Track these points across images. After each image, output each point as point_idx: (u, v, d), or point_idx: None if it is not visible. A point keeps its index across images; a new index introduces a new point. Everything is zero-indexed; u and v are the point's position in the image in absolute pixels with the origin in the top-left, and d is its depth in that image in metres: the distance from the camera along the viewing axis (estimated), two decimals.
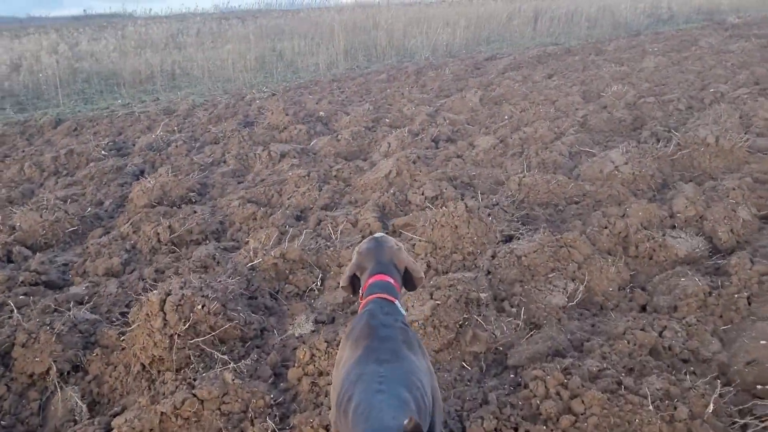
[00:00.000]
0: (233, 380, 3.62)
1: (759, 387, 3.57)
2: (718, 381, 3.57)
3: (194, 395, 3.54)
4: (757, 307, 4.26)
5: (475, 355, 4.09)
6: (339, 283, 3.06)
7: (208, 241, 6.32)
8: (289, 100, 12.94)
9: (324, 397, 3.66)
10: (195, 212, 6.90)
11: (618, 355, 3.86)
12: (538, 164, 7.58)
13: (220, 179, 8.03)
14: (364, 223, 6.16)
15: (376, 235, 3.08)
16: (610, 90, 11.41)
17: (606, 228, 5.55)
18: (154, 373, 3.96)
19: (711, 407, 3.22)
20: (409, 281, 3.01)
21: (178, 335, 3.99)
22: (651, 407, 3.20)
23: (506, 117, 10.42)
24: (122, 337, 4.23)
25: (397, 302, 2.74)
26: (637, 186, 6.73)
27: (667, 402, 3.27)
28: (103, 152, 9.46)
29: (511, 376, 3.84)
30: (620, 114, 9.61)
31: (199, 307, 4.11)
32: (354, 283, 2.98)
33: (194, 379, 3.73)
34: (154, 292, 4.16)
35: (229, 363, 3.95)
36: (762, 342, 3.78)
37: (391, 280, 2.84)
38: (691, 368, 3.78)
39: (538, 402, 3.46)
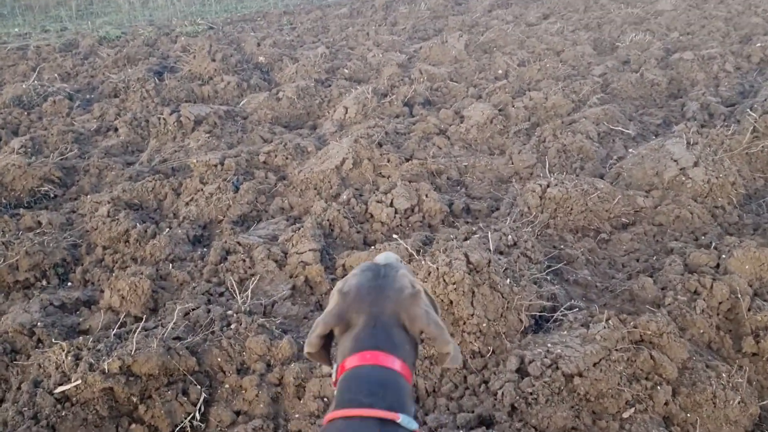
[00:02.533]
0: None
1: None
2: None
3: None
4: None
5: None
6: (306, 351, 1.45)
7: (45, 282, 3.91)
8: (224, 38, 10.19)
9: None
10: (40, 225, 4.44)
11: None
12: (558, 153, 5.25)
13: (98, 161, 5.47)
14: (296, 262, 3.80)
15: (379, 258, 1.60)
16: (628, 39, 9.02)
17: (697, 295, 3.30)
18: None
19: None
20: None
21: None
22: None
23: (501, 71, 7.98)
24: None
25: (401, 419, 1.24)
26: (714, 200, 4.46)
27: None
28: None
29: None
30: (651, 75, 7.24)
31: None
32: (329, 346, 1.49)
33: None
34: None
35: None
36: None
37: (396, 365, 1.34)
38: None
39: None
